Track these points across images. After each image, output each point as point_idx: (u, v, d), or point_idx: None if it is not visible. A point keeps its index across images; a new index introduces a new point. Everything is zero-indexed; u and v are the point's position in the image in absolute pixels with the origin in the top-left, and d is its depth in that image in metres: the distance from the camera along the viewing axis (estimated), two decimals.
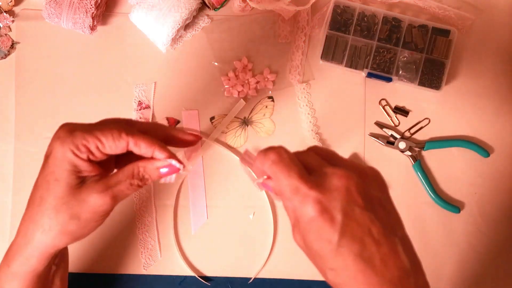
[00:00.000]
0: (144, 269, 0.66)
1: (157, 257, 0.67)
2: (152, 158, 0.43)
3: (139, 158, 0.43)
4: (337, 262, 0.36)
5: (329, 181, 0.37)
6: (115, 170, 0.46)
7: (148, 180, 0.44)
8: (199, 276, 0.66)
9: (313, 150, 0.42)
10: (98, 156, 0.42)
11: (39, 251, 0.43)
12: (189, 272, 0.66)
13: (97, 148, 0.41)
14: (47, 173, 0.41)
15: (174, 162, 0.42)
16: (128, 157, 0.44)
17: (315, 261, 0.38)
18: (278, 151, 0.39)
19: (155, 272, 0.67)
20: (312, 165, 0.39)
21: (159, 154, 0.42)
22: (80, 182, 0.42)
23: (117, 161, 0.47)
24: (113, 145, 0.41)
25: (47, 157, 0.42)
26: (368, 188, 0.38)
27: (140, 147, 0.42)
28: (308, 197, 0.36)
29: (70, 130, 0.41)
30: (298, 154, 0.40)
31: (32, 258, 0.43)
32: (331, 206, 0.36)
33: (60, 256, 0.48)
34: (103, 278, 0.66)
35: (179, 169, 0.43)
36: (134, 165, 0.43)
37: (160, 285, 0.66)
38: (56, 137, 0.41)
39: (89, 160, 0.41)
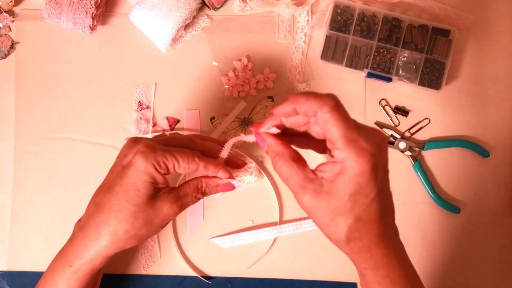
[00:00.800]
0: (144, 269, 0.66)
1: (157, 257, 0.67)
2: (212, 176, 0.50)
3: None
4: (363, 215, 0.39)
5: (375, 138, 0.38)
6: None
7: (208, 194, 0.50)
8: (199, 276, 0.66)
9: None
10: (172, 172, 0.47)
11: (107, 252, 0.48)
12: (189, 272, 0.66)
13: (173, 167, 0.46)
14: (127, 183, 0.46)
15: (234, 182, 0.50)
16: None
17: (333, 214, 0.39)
18: (335, 98, 0.39)
19: (155, 272, 0.66)
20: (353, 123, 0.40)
21: (222, 174, 0.49)
22: (155, 192, 0.47)
23: None
24: (186, 166, 0.47)
25: (124, 167, 0.47)
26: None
27: (208, 169, 0.48)
28: (366, 151, 0.37)
29: (151, 147, 0.46)
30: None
31: (99, 258, 0.48)
32: (378, 162, 0.38)
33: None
34: (103, 278, 0.66)
35: (234, 187, 0.50)
36: (198, 180, 0.50)
37: (160, 285, 0.66)
38: (139, 151, 0.46)
39: (164, 175, 0.47)
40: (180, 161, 0.46)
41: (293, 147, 0.43)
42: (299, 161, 0.41)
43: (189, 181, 0.50)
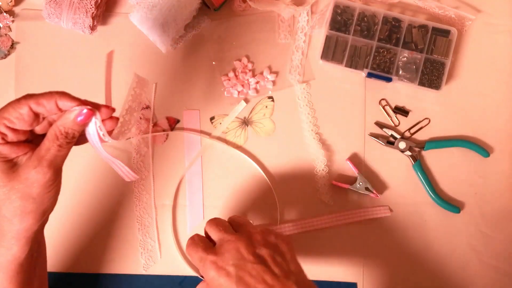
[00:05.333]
0: (144, 269, 0.66)
1: (157, 258, 0.67)
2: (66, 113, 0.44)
3: None
4: None
5: (223, 246, 0.47)
6: None
7: (73, 134, 0.44)
8: (199, 276, 0.66)
9: (223, 222, 0.52)
10: (14, 135, 0.43)
11: (15, 238, 0.44)
12: (189, 272, 0.66)
13: (7, 127, 0.42)
14: None
15: (83, 108, 0.43)
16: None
17: None
18: (192, 237, 0.50)
19: (155, 272, 0.67)
20: (214, 237, 0.50)
21: (66, 103, 0.43)
22: (13, 165, 0.43)
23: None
24: (19, 116, 0.42)
25: None
26: (260, 247, 0.47)
27: (44, 105, 0.42)
28: (207, 261, 0.46)
29: None
30: (208, 229, 0.51)
31: (13, 246, 0.45)
32: (224, 264, 0.46)
33: (37, 243, 0.49)
34: (103, 278, 0.66)
35: (93, 112, 0.43)
36: (53, 126, 0.44)
37: (160, 285, 0.66)
38: None
39: (8, 143, 0.43)
40: (8, 116, 0.42)
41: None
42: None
43: (45, 134, 0.45)
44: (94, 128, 0.44)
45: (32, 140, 0.46)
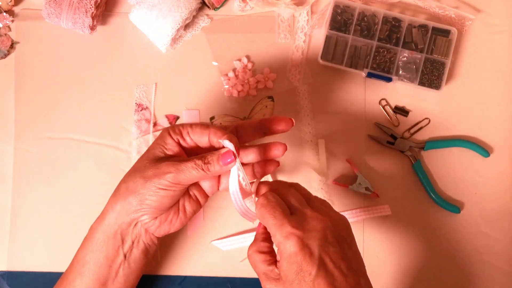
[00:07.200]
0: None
1: (157, 257, 0.66)
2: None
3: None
4: None
5: (309, 223, 0.44)
6: None
7: (210, 165, 0.48)
8: (199, 276, 0.66)
9: (294, 186, 0.50)
10: (188, 141, 0.50)
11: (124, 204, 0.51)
12: (189, 272, 0.66)
13: (187, 132, 0.50)
14: (147, 150, 0.51)
15: (227, 142, 0.47)
16: None
17: None
18: (264, 197, 0.47)
19: (155, 272, 0.67)
20: (294, 205, 0.47)
21: (227, 143, 0.47)
22: (164, 157, 0.50)
23: None
24: (199, 131, 0.50)
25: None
26: (339, 232, 0.45)
27: (217, 135, 0.49)
28: (291, 234, 0.43)
29: (175, 124, 0.53)
30: (281, 193, 0.48)
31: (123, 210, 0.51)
32: (310, 243, 0.43)
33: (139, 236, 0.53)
34: None
35: (234, 158, 0.47)
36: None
37: (160, 285, 0.66)
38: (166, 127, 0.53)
39: (178, 143, 0.50)
40: (193, 126, 0.50)
41: None
42: (268, 254, 0.47)
43: None
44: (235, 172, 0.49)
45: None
